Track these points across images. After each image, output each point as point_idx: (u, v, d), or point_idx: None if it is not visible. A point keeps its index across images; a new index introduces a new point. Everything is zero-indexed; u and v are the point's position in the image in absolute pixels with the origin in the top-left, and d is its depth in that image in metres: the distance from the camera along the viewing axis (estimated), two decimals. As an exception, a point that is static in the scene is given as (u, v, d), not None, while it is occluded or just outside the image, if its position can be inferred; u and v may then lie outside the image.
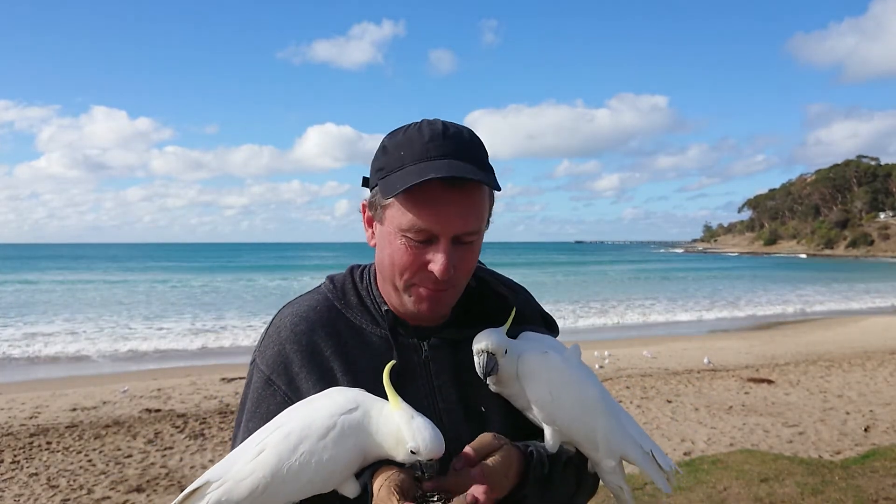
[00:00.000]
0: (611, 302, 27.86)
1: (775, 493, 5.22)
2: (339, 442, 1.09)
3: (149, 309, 25.27)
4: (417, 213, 1.17)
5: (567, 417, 1.20)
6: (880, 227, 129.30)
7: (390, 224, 1.22)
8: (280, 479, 1.08)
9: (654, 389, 9.88)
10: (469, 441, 1.20)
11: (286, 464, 1.08)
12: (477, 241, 1.26)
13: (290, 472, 1.08)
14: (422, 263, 1.20)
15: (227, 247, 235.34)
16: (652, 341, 15.82)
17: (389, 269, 1.25)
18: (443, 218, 1.17)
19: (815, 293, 32.48)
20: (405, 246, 1.20)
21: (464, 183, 1.17)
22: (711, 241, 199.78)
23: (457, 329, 1.33)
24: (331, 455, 1.09)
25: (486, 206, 1.25)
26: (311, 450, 1.08)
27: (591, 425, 1.21)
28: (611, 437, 1.22)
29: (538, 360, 1.21)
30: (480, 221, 1.23)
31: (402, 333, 1.30)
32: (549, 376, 1.20)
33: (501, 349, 1.20)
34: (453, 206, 1.17)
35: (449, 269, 1.19)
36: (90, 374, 12.29)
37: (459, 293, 1.29)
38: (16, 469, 6.42)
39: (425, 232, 1.18)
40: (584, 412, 1.21)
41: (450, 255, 1.19)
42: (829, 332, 17.47)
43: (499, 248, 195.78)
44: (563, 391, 1.20)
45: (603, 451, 1.22)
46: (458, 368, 1.29)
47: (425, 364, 1.29)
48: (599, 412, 1.22)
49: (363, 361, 1.27)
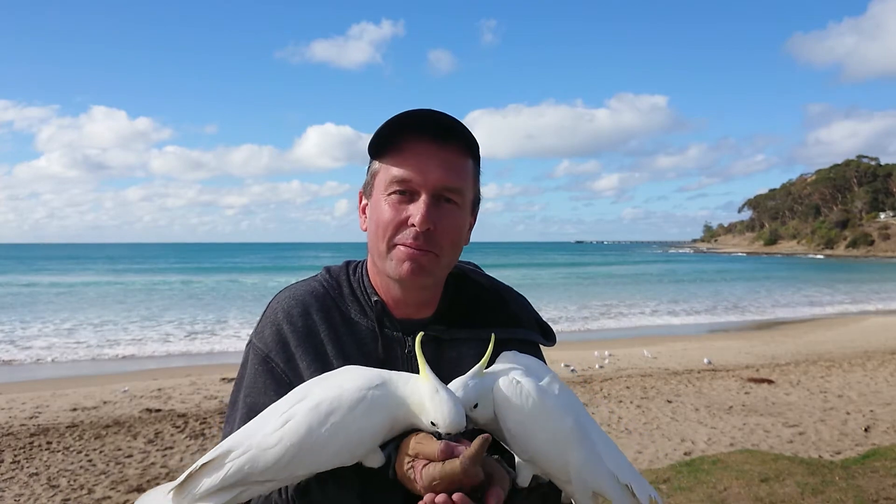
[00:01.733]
0: (611, 302, 27.85)
1: (775, 493, 5.21)
2: (369, 414, 1.10)
3: (149, 309, 25.25)
4: (398, 165, 1.24)
5: (538, 450, 1.16)
6: (880, 227, 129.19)
7: (377, 190, 1.28)
8: (308, 449, 1.09)
9: (654, 389, 9.88)
10: None
11: (315, 433, 1.09)
12: (459, 210, 1.28)
13: (319, 443, 1.09)
14: (403, 218, 1.24)
15: (227, 247, 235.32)
16: (652, 341, 15.81)
17: (374, 235, 1.28)
18: (423, 169, 1.23)
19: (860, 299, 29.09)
20: (388, 203, 1.25)
21: (444, 140, 1.23)
22: (711, 241, 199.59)
23: (445, 327, 1.33)
24: (359, 426, 1.09)
25: (467, 169, 1.29)
26: (342, 421, 1.09)
27: (563, 458, 1.15)
28: (584, 471, 1.15)
29: (510, 390, 1.15)
30: (462, 181, 1.27)
31: (388, 326, 1.32)
32: (521, 407, 1.14)
33: (470, 404, 1.14)
34: (433, 158, 1.23)
35: (428, 220, 1.22)
36: (90, 374, 12.27)
37: (442, 266, 1.29)
38: (16, 469, 6.42)
39: (406, 183, 1.23)
40: (555, 445, 1.15)
41: (430, 208, 1.22)
42: (830, 332, 17.46)
43: (499, 248, 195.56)
44: (534, 423, 1.14)
45: (576, 485, 1.16)
46: (442, 366, 1.27)
47: (407, 360, 1.30)
48: (573, 445, 1.15)
49: (352, 349, 1.29)
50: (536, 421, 1.15)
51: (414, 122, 1.24)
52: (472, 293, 1.41)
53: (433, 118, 1.24)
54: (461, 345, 1.33)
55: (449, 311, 1.36)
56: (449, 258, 1.30)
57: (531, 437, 1.15)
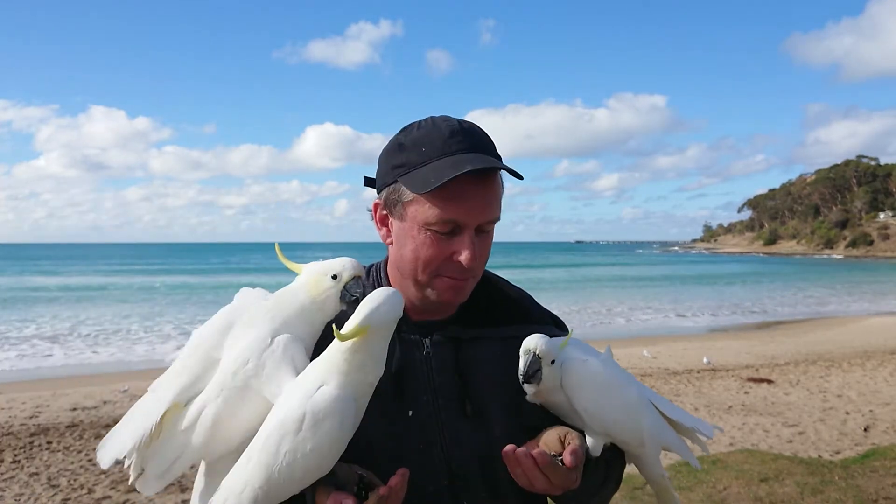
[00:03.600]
0: (610, 302, 27.84)
1: (775, 492, 5.22)
2: (317, 428, 1.06)
3: (150, 309, 25.26)
4: (446, 207, 1.19)
5: (613, 422, 1.21)
6: (880, 227, 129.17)
7: (413, 220, 1.23)
8: (275, 483, 1.07)
9: (654, 389, 9.87)
10: (466, 439, 1.22)
11: (275, 467, 1.07)
12: (492, 230, 1.29)
13: (282, 474, 1.07)
14: (448, 255, 1.22)
15: (227, 246, 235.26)
16: (652, 341, 15.81)
17: (412, 264, 1.25)
18: (471, 209, 1.20)
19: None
20: (430, 239, 1.22)
21: (491, 174, 1.22)
22: (711, 241, 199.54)
23: (461, 327, 1.33)
24: (313, 446, 1.06)
25: (502, 194, 1.29)
26: (293, 448, 1.06)
27: (636, 426, 1.23)
28: (655, 433, 1.24)
29: (581, 369, 1.22)
30: (499, 212, 1.27)
31: (405, 329, 1.30)
32: (593, 384, 1.20)
33: (549, 357, 1.18)
34: (480, 198, 1.21)
35: (476, 258, 1.22)
36: (90, 374, 12.29)
37: (477, 280, 1.32)
38: (16, 468, 6.42)
39: (452, 223, 1.21)
40: (628, 415, 1.22)
41: (475, 245, 1.22)
42: (829, 332, 17.47)
43: (499, 248, 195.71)
44: (607, 397, 1.21)
45: (649, 447, 1.25)
46: (461, 366, 1.29)
47: (426, 360, 1.29)
48: (642, 412, 1.24)
49: None
50: (608, 395, 1.21)
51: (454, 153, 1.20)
52: (487, 293, 1.42)
53: (472, 145, 1.22)
54: (480, 344, 1.34)
55: (467, 312, 1.36)
56: (481, 273, 1.33)
57: (606, 411, 1.20)
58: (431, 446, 1.23)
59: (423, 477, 1.20)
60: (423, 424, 1.24)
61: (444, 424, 1.24)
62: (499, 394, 1.29)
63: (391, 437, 1.22)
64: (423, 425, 1.24)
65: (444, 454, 1.23)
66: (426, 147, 1.22)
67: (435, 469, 1.22)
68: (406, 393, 1.25)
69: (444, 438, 1.24)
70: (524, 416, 1.28)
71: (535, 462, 1.11)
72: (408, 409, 1.25)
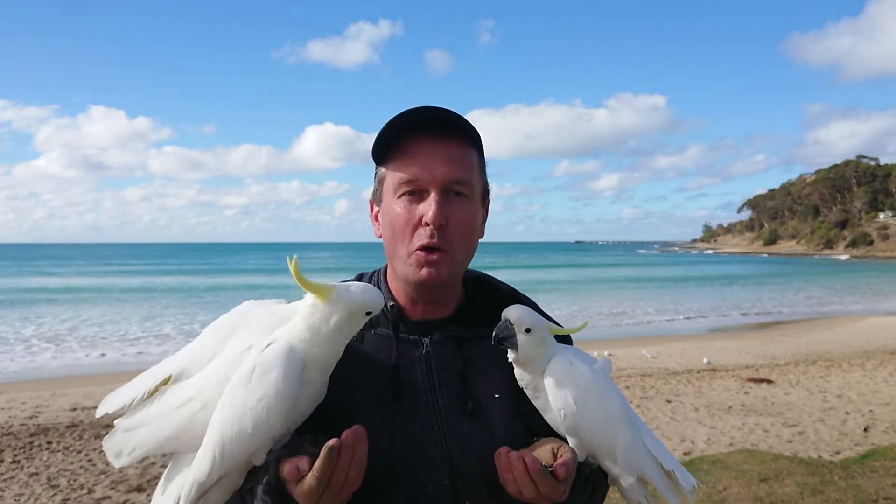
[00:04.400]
0: (610, 302, 27.84)
1: (775, 492, 5.22)
2: (263, 379, 1.08)
3: (149, 309, 25.26)
4: (404, 166, 1.25)
5: (589, 429, 1.20)
6: (880, 227, 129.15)
7: (387, 195, 1.29)
8: (228, 438, 1.08)
9: (653, 389, 9.88)
10: (466, 438, 1.23)
11: (228, 422, 1.08)
12: (470, 202, 1.29)
13: (234, 430, 1.08)
14: (417, 218, 1.25)
15: (226, 246, 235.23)
16: (651, 341, 15.82)
17: (391, 239, 1.29)
18: (428, 165, 1.24)
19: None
20: (400, 206, 1.26)
21: (445, 135, 1.25)
22: (711, 241, 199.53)
23: (461, 327, 1.34)
24: (260, 396, 1.08)
25: (473, 161, 1.30)
26: (243, 399, 1.08)
27: (612, 439, 1.21)
28: (630, 453, 1.22)
29: (565, 368, 1.22)
30: (468, 173, 1.28)
31: (404, 330, 1.31)
32: (575, 385, 1.20)
33: (522, 324, 1.20)
34: (438, 156, 1.24)
35: (441, 216, 1.23)
36: (90, 374, 12.30)
37: (457, 263, 1.30)
38: (16, 469, 6.42)
39: (414, 182, 1.24)
40: (606, 425, 1.21)
41: (441, 204, 1.24)
42: (829, 332, 17.47)
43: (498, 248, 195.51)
44: (585, 402, 1.20)
45: (622, 467, 1.22)
46: (461, 366, 1.29)
47: (426, 359, 1.29)
48: (621, 426, 1.22)
49: (355, 360, 1.27)
50: (588, 400, 1.20)
51: (412, 122, 1.25)
52: (485, 293, 1.42)
53: (431, 114, 1.25)
54: (480, 343, 1.33)
55: (466, 311, 1.37)
56: (464, 253, 1.31)
57: (583, 416, 1.20)
58: (432, 445, 1.23)
59: (424, 475, 1.20)
60: (424, 423, 1.24)
61: (444, 423, 1.24)
62: (501, 394, 1.29)
63: (391, 436, 1.22)
64: (424, 424, 1.24)
65: (444, 453, 1.23)
66: (388, 125, 1.27)
67: (436, 468, 1.22)
68: (405, 392, 1.25)
69: (444, 437, 1.24)
70: (524, 418, 1.28)
71: (525, 468, 1.11)
72: (407, 407, 1.25)
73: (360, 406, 1.23)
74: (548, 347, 1.23)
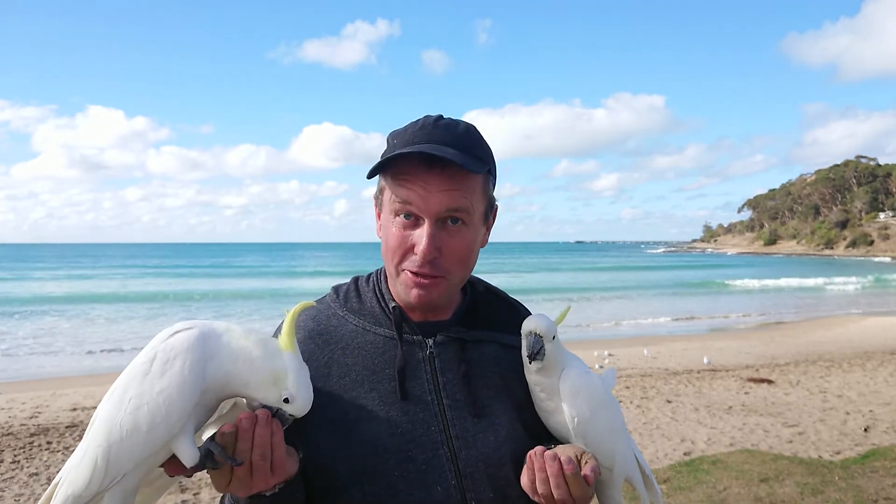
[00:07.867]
0: (610, 302, 27.85)
1: (775, 493, 5.22)
2: (167, 368, 0.95)
3: (149, 309, 25.27)
4: (399, 189, 1.23)
5: (597, 436, 1.26)
6: (880, 227, 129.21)
7: (386, 208, 1.28)
8: (116, 438, 0.95)
9: (654, 389, 9.88)
10: (472, 439, 1.23)
11: (117, 420, 0.95)
12: (468, 228, 1.26)
13: (125, 429, 0.95)
14: (409, 244, 1.23)
15: (226, 247, 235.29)
16: (652, 341, 15.81)
17: (385, 254, 1.29)
18: (424, 195, 1.21)
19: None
20: (396, 226, 1.25)
21: (443, 164, 1.20)
22: (711, 241, 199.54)
23: (465, 328, 1.34)
24: (161, 387, 0.94)
25: (475, 192, 1.25)
26: (139, 392, 0.95)
27: (613, 447, 1.29)
28: (625, 461, 1.31)
29: (582, 378, 1.28)
30: (467, 199, 1.23)
31: (407, 330, 1.31)
32: (590, 394, 1.27)
33: (550, 333, 1.24)
34: (434, 185, 1.21)
35: (432, 249, 1.21)
36: (90, 374, 12.29)
37: (452, 285, 1.30)
38: (16, 469, 6.42)
39: (409, 206, 1.22)
40: (610, 434, 1.28)
41: (433, 236, 1.21)
42: (829, 332, 17.46)
43: (499, 248, 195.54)
44: (597, 412, 1.26)
45: (616, 472, 1.30)
46: (466, 366, 1.30)
47: (430, 360, 1.29)
48: (622, 436, 1.31)
49: (360, 361, 1.28)
50: (600, 410, 1.27)
51: (417, 144, 1.21)
52: (486, 300, 1.43)
53: (439, 138, 1.21)
54: (483, 346, 1.34)
55: (467, 314, 1.37)
56: (459, 276, 1.30)
57: (592, 425, 1.26)
58: (437, 446, 1.23)
59: (432, 476, 1.20)
60: (429, 424, 1.24)
61: (449, 424, 1.24)
62: (504, 396, 1.29)
63: (396, 437, 1.22)
64: (429, 425, 1.24)
65: (450, 453, 1.23)
66: (397, 139, 1.25)
67: (443, 468, 1.21)
68: (410, 392, 1.25)
69: (449, 438, 1.24)
70: (524, 421, 1.29)
71: (560, 468, 1.12)
72: (412, 408, 1.24)
73: (365, 407, 1.23)
74: (562, 350, 1.28)
